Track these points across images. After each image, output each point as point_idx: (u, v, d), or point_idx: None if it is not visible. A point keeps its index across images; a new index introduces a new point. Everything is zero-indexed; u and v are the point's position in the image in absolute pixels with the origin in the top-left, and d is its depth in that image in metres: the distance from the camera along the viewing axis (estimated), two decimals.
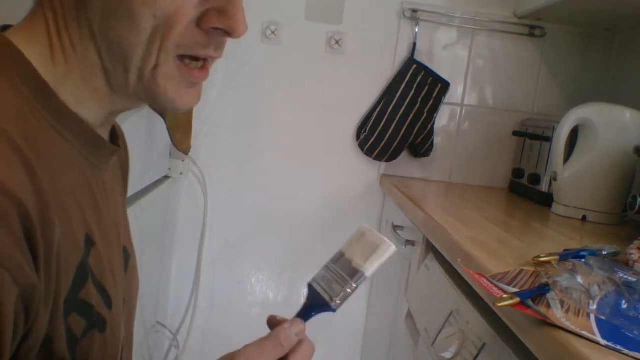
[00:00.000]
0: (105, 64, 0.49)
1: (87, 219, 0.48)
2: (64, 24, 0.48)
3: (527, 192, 1.65)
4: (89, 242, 0.48)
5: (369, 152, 1.80)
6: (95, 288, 0.48)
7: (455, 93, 1.83)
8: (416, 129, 1.77)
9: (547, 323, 0.59)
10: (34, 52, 0.47)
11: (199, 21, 0.48)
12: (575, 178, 1.34)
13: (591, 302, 0.63)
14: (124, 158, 0.70)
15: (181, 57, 0.49)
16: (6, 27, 0.51)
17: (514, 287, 0.68)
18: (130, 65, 0.48)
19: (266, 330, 0.68)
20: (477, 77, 1.84)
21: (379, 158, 1.81)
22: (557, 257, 0.79)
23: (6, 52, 0.46)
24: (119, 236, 0.59)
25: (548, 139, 1.53)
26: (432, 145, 1.81)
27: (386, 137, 1.77)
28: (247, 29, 0.51)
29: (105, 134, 0.55)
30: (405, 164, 1.86)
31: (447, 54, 1.82)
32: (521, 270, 0.75)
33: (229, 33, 0.50)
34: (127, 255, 0.61)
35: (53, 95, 0.47)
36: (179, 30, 0.47)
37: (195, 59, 0.50)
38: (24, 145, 0.41)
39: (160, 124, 1.44)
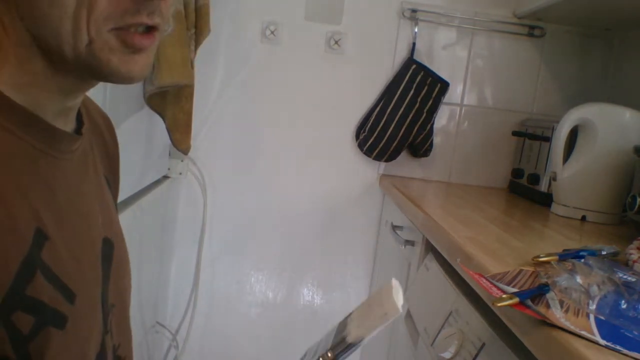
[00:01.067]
0: (39, 43, 0.47)
1: (38, 213, 0.46)
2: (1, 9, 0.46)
3: (526, 192, 1.65)
4: (41, 236, 0.46)
5: (368, 152, 1.80)
6: (49, 283, 0.46)
7: (454, 93, 1.83)
8: (415, 128, 1.77)
9: (546, 323, 0.59)
10: None
11: None
12: (575, 178, 1.34)
13: (590, 302, 0.63)
14: (108, 144, 0.68)
15: (117, 29, 0.47)
16: None
17: (513, 287, 0.68)
18: (61, 40, 0.46)
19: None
20: (476, 77, 1.84)
21: (378, 158, 1.81)
22: (556, 257, 0.79)
23: None
24: (95, 227, 0.57)
25: (547, 139, 1.53)
26: (431, 145, 1.81)
27: (385, 137, 1.77)
28: None
29: (64, 123, 0.53)
30: (404, 164, 1.86)
31: (446, 54, 1.82)
32: (520, 270, 0.75)
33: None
34: (110, 245, 0.59)
35: None
36: (104, 1, 0.45)
37: (132, 27, 0.48)
38: None
39: (160, 124, 1.44)
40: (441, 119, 1.84)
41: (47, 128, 0.49)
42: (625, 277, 0.72)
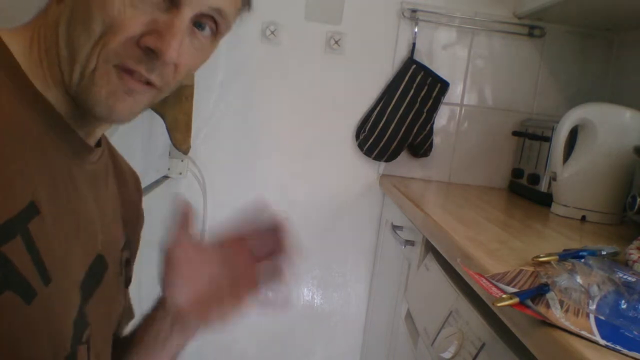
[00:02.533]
0: (59, 59, 0.54)
1: (36, 189, 0.50)
2: (42, 17, 0.55)
3: (526, 192, 1.65)
4: (33, 209, 0.49)
5: (368, 152, 1.80)
6: (28, 253, 0.48)
7: (454, 93, 1.83)
8: (415, 128, 1.77)
9: (546, 323, 0.59)
10: (16, 41, 0.53)
11: (139, 39, 0.53)
12: (575, 178, 1.34)
13: (590, 302, 0.63)
14: (132, 193, 0.73)
15: (119, 68, 0.53)
16: None
17: (513, 287, 0.68)
18: (76, 62, 0.53)
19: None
20: (476, 77, 1.84)
21: (378, 158, 1.81)
22: (556, 257, 0.79)
23: None
24: (92, 237, 0.59)
25: (547, 139, 1.53)
26: (431, 145, 1.81)
27: (385, 137, 1.77)
28: (176, 59, 0.54)
29: (86, 135, 0.59)
30: (404, 164, 1.86)
31: (446, 54, 1.82)
32: (520, 270, 0.75)
33: (157, 54, 0.53)
34: (103, 264, 0.61)
35: (23, 75, 0.52)
36: (120, 40, 0.52)
37: (134, 73, 0.54)
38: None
39: (160, 124, 1.44)
40: (441, 119, 1.84)
41: (64, 125, 0.55)
42: (625, 277, 0.72)
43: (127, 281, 0.76)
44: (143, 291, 1.47)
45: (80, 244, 0.57)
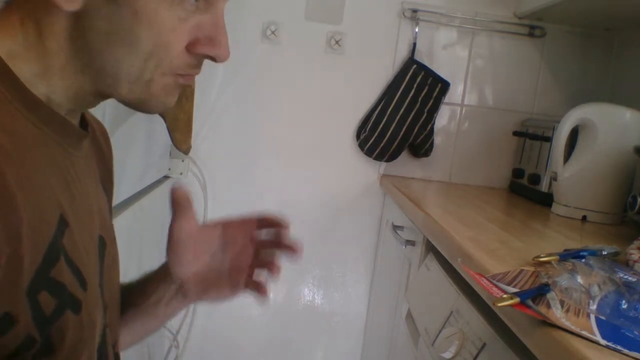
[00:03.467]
0: (85, 72, 0.52)
1: (60, 201, 0.50)
2: (49, 32, 0.50)
3: (527, 192, 1.65)
4: (63, 223, 0.49)
5: (369, 152, 1.81)
6: (68, 268, 0.49)
7: (455, 93, 1.83)
8: (416, 129, 1.77)
9: (547, 323, 0.59)
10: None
11: (190, 46, 0.53)
12: (575, 178, 1.34)
13: (591, 302, 0.63)
14: (104, 149, 0.71)
15: (179, 75, 0.55)
16: None
17: (514, 287, 0.68)
18: (121, 80, 0.52)
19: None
20: (477, 77, 1.84)
21: (379, 158, 1.81)
22: (557, 257, 0.79)
23: None
24: (93, 223, 0.59)
25: (548, 139, 1.53)
26: (432, 145, 1.81)
27: (386, 137, 1.77)
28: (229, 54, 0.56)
29: (74, 120, 0.57)
30: (405, 164, 1.86)
31: (447, 54, 1.82)
32: (521, 270, 0.75)
33: (214, 59, 0.55)
34: (103, 243, 0.61)
35: (18, 81, 0.49)
36: (173, 55, 0.52)
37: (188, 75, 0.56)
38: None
39: (160, 124, 1.44)
40: (442, 119, 1.84)
41: (62, 122, 0.53)
42: (625, 277, 0.72)
43: None
44: None
45: (90, 231, 0.57)
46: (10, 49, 0.49)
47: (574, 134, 1.35)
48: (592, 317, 0.60)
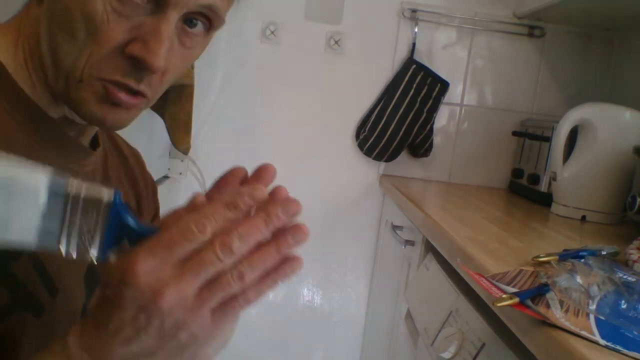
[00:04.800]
0: (43, 63, 0.51)
1: None
2: (25, 17, 0.52)
3: (526, 192, 1.65)
4: None
5: (368, 152, 1.80)
6: (33, 269, 0.48)
7: (454, 93, 1.83)
8: (415, 128, 1.77)
9: (546, 323, 0.59)
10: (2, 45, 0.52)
11: (124, 47, 0.49)
12: (575, 178, 1.34)
13: (590, 302, 0.63)
14: (136, 176, 0.70)
15: (107, 81, 0.50)
16: None
17: (513, 287, 0.68)
18: (61, 70, 0.50)
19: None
20: (476, 77, 1.84)
21: (378, 158, 1.81)
22: (556, 257, 0.79)
23: None
24: None
25: (547, 139, 1.53)
26: (431, 145, 1.81)
27: (385, 137, 1.77)
28: (163, 67, 0.50)
29: (79, 139, 0.57)
30: (404, 164, 1.86)
31: (446, 54, 1.82)
32: (520, 270, 0.75)
33: (143, 64, 0.49)
34: None
35: (10, 78, 0.50)
36: (105, 51, 0.49)
37: (121, 85, 0.51)
38: None
39: (160, 124, 1.44)
40: (441, 119, 1.84)
41: (58, 132, 0.53)
42: (625, 277, 0.72)
43: None
44: None
45: None
46: (4, 47, 0.51)
47: (574, 134, 1.35)
48: (592, 317, 0.60)
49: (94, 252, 0.39)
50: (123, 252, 0.39)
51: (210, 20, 0.53)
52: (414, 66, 1.76)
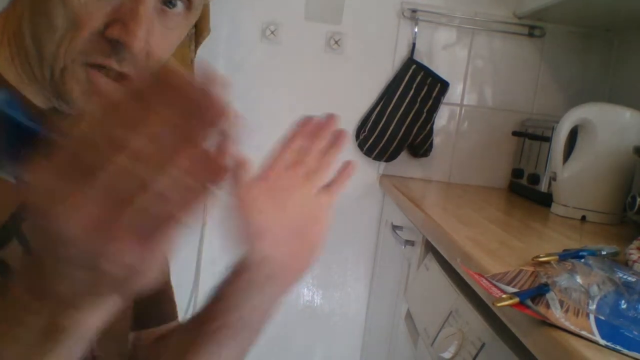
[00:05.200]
0: (27, 54, 0.51)
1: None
2: (12, 11, 0.52)
3: (526, 192, 1.65)
4: (25, 209, 0.48)
5: (368, 152, 1.80)
6: (23, 253, 0.48)
7: (454, 93, 1.83)
8: (415, 128, 1.77)
9: (546, 323, 0.59)
10: None
11: (104, 30, 0.49)
12: (575, 178, 1.34)
13: (590, 302, 0.63)
14: None
15: (90, 65, 0.50)
16: None
17: (513, 287, 0.68)
18: (44, 60, 0.50)
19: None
20: (476, 77, 1.84)
21: (378, 158, 1.81)
22: (556, 257, 0.79)
23: None
24: None
25: (547, 139, 1.53)
26: (431, 145, 1.81)
27: (385, 137, 1.77)
28: (141, 47, 0.50)
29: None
30: (404, 164, 1.86)
31: (446, 54, 1.82)
32: (520, 270, 0.75)
33: (123, 45, 0.49)
34: None
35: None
36: (85, 35, 0.49)
37: (104, 69, 0.51)
38: None
39: None
40: (441, 119, 1.84)
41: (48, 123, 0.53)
42: (625, 277, 0.72)
43: None
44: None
45: None
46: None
47: (574, 134, 1.35)
48: (592, 317, 0.59)
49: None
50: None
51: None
52: (414, 66, 1.76)
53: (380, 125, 1.77)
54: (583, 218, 1.34)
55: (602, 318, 0.60)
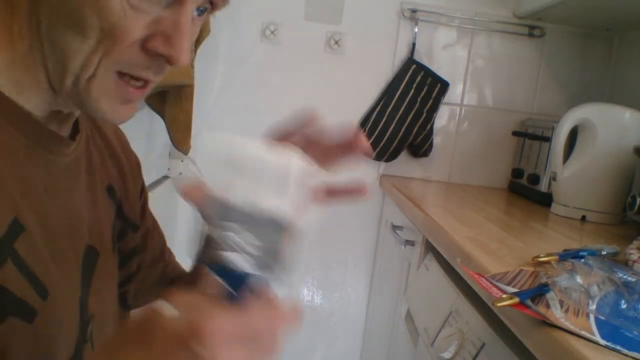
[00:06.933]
0: (45, 61, 0.49)
1: (17, 204, 0.47)
2: (16, 13, 0.48)
3: (526, 192, 1.65)
4: (16, 227, 0.46)
5: None
6: (21, 274, 0.46)
7: (454, 93, 1.83)
8: (415, 128, 1.77)
9: (546, 323, 0.59)
10: None
11: (144, 42, 0.48)
12: (575, 178, 1.34)
13: (590, 302, 0.63)
14: (121, 160, 0.69)
15: (121, 74, 0.49)
16: None
17: (513, 287, 0.68)
18: (68, 69, 0.48)
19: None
20: (476, 77, 1.84)
21: (378, 158, 1.81)
22: (556, 257, 0.79)
23: None
24: (78, 232, 0.56)
25: (547, 139, 1.53)
26: (431, 145, 1.81)
27: (385, 137, 1.77)
28: (189, 61, 0.49)
29: (58, 127, 0.54)
30: (404, 164, 1.86)
31: (446, 54, 1.82)
32: (520, 270, 0.75)
33: (167, 59, 0.49)
34: (94, 254, 0.59)
35: None
36: (122, 48, 0.47)
37: (135, 77, 0.50)
38: None
39: (160, 124, 1.44)
40: (441, 119, 1.84)
41: (37, 125, 0.51)
42: (625, 277, 0.72)
43: (145, 230, 0.75)
44: None
45: (70, 241, 0.55)
46: None
47: (574, 134, 1.35)
48: (592, 317, 0.60)
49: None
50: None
51: (214, 5, 0.53)
52: (414, 66, 1.76)
53: (380, 125, 1.77)
54: (583, 218, 1.34)
55: (602, 318, 0.60)
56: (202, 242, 0.48)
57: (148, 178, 1.46)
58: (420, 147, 1.80)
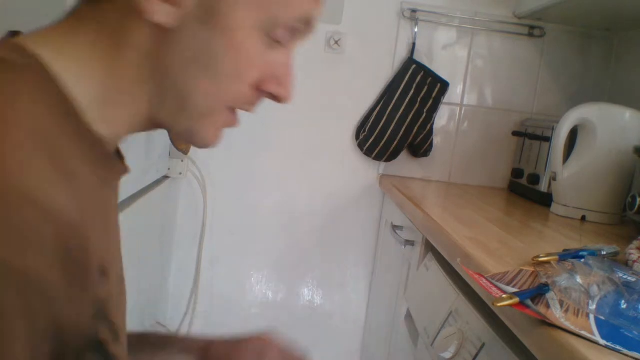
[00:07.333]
0: (152, 98, 0.48)
1: (100, 246, 0.44)
2: (127, 50, 0.46)
3: (526, 192, 1.65)
4: (102, 273, 0.43)
5: (368, 152, 1.80)
6: (105, 323, 0.43)
7: (454, 93, 1.83)
8: (415, 128, 1.77)
9: (546, 323, 0.59)
10: (83, 85, 0.45)
11: (257, 82, 0.50)
12: (575, 178, 1.34)
13: (590, 302, 0.63)
14: None
15: (231, 108, 0.52)
16: (15, 33, 0.47)
17: (513, 287, 0.68)
18: (187, 108, 0.49)
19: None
20: (476, 77, 1.84)
21: (378, 158, 1.81)
22: (556, 257, 0.79)
23: (38, 69, 0.43)
24: (120, 262, 0.55)
25: (547, 139, 1.53)
26: (431, 145, 1.81)
27: (385, 137, 1.77)
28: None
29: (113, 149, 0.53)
30: (404, 164, 1.86)
31: (446, 54, 1.82)
32: (520, 270, 0.75)
33: (277, 99, 0.53)
34: (124, 286, 0.57)
35: (78, 114, 0.44)
36: (242, 89, 0.50)
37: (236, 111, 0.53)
38: (57, 163, 0.39)
39: None
40: (441, 119, 1.84)
41: (113, 161, 0.50)
42: (625, 277, 0.72)
43: None
44: (143, 292, 1.47)
45: (117, 273, 0.52)
46: (74, 66, 0.44)
47: (574, 134, 1.35)
48: (592, 317, 0.59)
49: None
50: None
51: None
52: (414, 66, 1.76)
53: (380, 125, 1.77)
54: (583, 218, 1.34)
55: (602, 318, 0.60)
56: None
57: (148, 178, 1.46)
58: (420, 147, 1.80)
